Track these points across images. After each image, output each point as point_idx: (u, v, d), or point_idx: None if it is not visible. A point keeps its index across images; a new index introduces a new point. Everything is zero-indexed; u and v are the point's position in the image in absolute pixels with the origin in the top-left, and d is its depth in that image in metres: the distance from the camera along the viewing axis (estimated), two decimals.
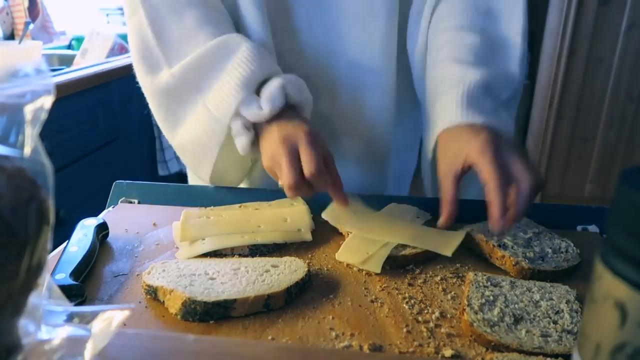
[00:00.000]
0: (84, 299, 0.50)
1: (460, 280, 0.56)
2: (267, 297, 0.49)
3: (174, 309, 0.48)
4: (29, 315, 0.28)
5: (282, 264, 0.55)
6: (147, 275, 0.53)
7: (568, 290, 0.52)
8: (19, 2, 2.03)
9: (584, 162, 2.73)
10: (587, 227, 0.68)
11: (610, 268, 0.25)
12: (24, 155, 0.28)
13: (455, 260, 0.60)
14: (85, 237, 0.59)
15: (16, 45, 1.88)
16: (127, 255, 0.60)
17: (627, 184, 0.24)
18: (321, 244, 0.63)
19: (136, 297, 0.52)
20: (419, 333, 0.47)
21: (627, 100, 2.59)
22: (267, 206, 0.69)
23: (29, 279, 0.26)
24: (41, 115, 0.29)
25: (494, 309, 0.48)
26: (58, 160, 1.46)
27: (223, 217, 0.65)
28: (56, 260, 0.54)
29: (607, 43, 2.52)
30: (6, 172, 0.25)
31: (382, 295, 0.53)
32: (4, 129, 0.28)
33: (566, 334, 0.45)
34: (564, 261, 0.57)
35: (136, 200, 0.75)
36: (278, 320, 0.48)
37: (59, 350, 0.29)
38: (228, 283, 0.51)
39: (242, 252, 0.60)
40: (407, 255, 0.58)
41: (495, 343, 0.44)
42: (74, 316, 0.31)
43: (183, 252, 0.60)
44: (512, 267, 0.56)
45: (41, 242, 0.26)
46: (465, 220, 0.65)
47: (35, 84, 0.29)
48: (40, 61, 0.30)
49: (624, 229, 0.24)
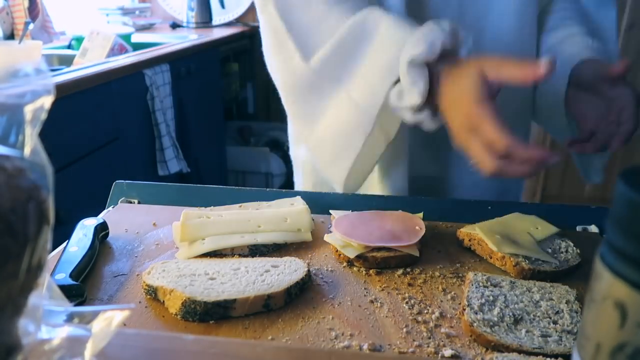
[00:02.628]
0: (84, 299, 0.50)
1: (460, 280, 0.56)
2: (267, 297, 0.49)
3: (174, 309, 0.48)
4: (29, 315, 0.28)
5: (282, 264, 0.55)
6: (147, 275, 0.53)
7: (568, 290, 0.52)
8: (19, 2, 2.03)
9: None
10: (587, 227, 0.68)
11: (610, 268, 0.25)
12: (24, 155, 0.28)
13: (455, 260, 0.60)
14: (85, 237, 0.59)
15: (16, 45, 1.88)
16: (127, 255, 0.60)
17: (627, 184, 0.24)
18: (321, 244, 0.63)
19: (136, 297, 0.52)
20: (419, 333, 0.47)
21: None
22: (267, 206, 0.69)
23: (29, 279, 0.26)
24: (41, 115, 0.29)
25: (493, 309, 0.48)
26: (58, 160, 1.45)
27: (223, 217, 0.65)
28: (56, 260, 0.54)
29: None
30: (6, 172, 0.25)
31: (382, 295, 0.53)
32: (4, 129, 0.28)
33: (566, 334, 0.45)
34: (564, 261, 0.57)
35: (136, 200, 0.75)
36: (278, 320, 0.48)
37: (59, 350, 0.29)
38: (228, 283, 0.51)
39: (242, 252, 0.60)
40: (377, 257, 0.57)
41: (495, 343, 0.44)
42: (74, 316, 0.31)
43: (183, 252, 0.60)
44: (512, 267, 0.56)
45: (41, 242, 0.26)
46: (465, 220, 0.65)
47: (35, 84, 0.29)
48: (40, 61, 0.30)
49: (624, 229, 0.24)
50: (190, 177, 2.03)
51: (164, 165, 1.94)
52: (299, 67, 0.67)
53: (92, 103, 1.61)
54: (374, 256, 0.57)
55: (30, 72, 0.29)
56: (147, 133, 1.89)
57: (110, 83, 1.66)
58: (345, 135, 0.67)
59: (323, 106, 0.68)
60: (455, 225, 0.66)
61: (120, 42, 1.94)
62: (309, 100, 0.69)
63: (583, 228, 0.68)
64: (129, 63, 1.73)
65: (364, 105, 0.64)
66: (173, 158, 1.96)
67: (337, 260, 0.59)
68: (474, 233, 0.61)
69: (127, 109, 1.77)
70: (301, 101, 0.69)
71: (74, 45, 2.16)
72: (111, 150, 1.72)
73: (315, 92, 0.68)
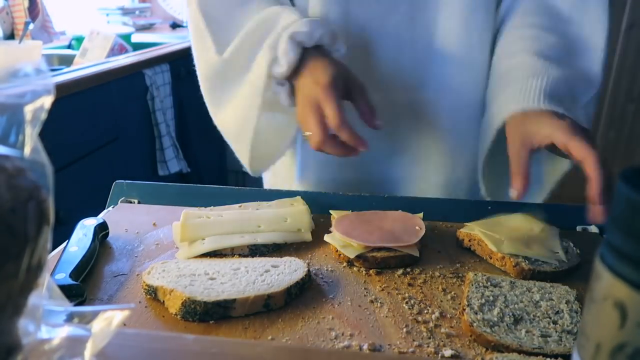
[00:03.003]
0: (84, 299, 0.50)
1: (460, 280, 0.56)
2: (267, 297, 0.49)
3: (174, 309, 0.48)
4: (29, 315, 0.28)
5: (282, 264, 0.55)
6: (147, 275, 0.53)
7: (568, 291, 0.52)
8: (19, 2, 2.03)
9: None
10: (587, 227, 0.68)
11: (610, 268, 0.25)
12: (24, 155, 0.28)
13: (455, 260, 0.60)
14: (85, 237, 0.59)
15: (16, 45, 1.88)
16: (127, 255, 0.60)
17: (626, 184, 0.24)
18: (321, 244, 0.63)
19: (136, 297, 0.52)
20: (419, 333, 0.47)
21: (627, 100, 2.59)
22: (267, 206, 0.69)
23: (29, 279, 0.26)
24: (41, 115, 0.29)
25: (493, 309, 0.48)
26: (58, 160, 1.45)
27: (223, 217, 0.65)
28: (56, 260, 0.54)
29: (607, 43, 2.52)
30: (6, 172, 0.25)
31: (382, 295, 0.53)
32: (4, 129, 0.28)
33: (566, 334, 0.45)
34: (564, 261, 0.57)
35: (136, 200, 0.75)
36: (278, 320, 0.48)
37: (59, 350, 0.29)
38: (228, 283, 0.51)
39: (242, 252, 0.60)
40: (377, 257, 0.58)
41: (495, 343, 0.44)
42: (74, 316, 0.31)
43: (183, 252, 0.60)
44: (512, 267, 0.56)
45: (41, 242, 0.26)
46: (465, 220, 0.65)
47: (35, 84, 0.29)
48: (40, 61, 0.30)
49: (624, 229, 0.24)
50: (190, 177, 2.03)
51: (164, 165, 1.94)
52: (213, 59, 0.72)
53: (92, 103, 1.61)
54: (374, 256, 0.57)
55: (30, 72, 0.29)
56: (147, 133, 1.89)
57: (110, 83, 1.67)
58: (242, 113, 0.72)
59: (231, 93, 0.74)
60: (455, 225, 0.67)
61: (120, 42, 1.94)
62: (221, 88, 0.75)
63: (583, 228, 0.68)
64: (129, 63, 1.73)
65: (253, 80, 0.69)
66: (173, 158, 1.96)
67: (337, 260, 0.59)
68: (474, 233, 0.61)
69: (127, 109, 1.78)
70: (214, 89, 0.75)
71: (74, 45, 2.17)
72: (111, 150, 1.72)
73: (226, 81, 0.73)
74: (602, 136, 2.66)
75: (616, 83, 2.56)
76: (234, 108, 0.73)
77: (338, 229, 0.61)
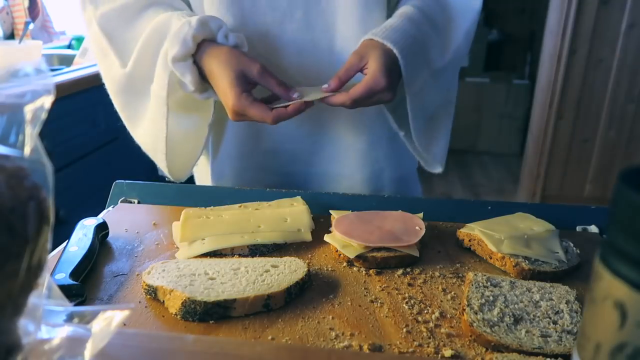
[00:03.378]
0: (84, 298, 0.50)
1: (460, 280, 0.56)
2: (267, 297, 0.49)
3: (174, 309, 0.48)
4: (29, 315, 0.28)
5: (282, 264, 0.55)
6: (147, 275, 0.53)
7: (568, 291, 0.52)
8: (19, 2, 2.03)
9: (583, 162, 2.73)
10: (587, 227, 0.68)
11: (610, 268, 0.25)
12: (24, 155, 0.28)
13: (455, 260, 0.60)
14: (85, 237, 0.59)
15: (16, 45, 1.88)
16: (127, 255, 0.60)
17: (626, 184, 0.24)
18: (321, 244, 0.63)
19: (136, 297, 0.52)
20: (419, 333, 0.47)
21: (627, 100, 2.59)
22: (267, 206, 0.69)
23: (29, 279, 0.26)
24: (41, 115, 0.29)
25: (493, 309, 0.48)
26: (58, 160, 1.45)
27: (223, 217, 0.65)
28: (56, 260, 0.54)
29: (607, 43, 2.52)
30: (6, 171, 0.25)
31: (382, 295, 0.53)
32: (4, 129, 0.28)
33: (566, 334, 0.45)
34: (564, 261, 0.57)
35: (136, 200, 0.75)
36: (278, 320, 0.48)
37: (59, 350, 0.29)
38: (228, 283, 0.51)
39: (242, 252, 0.60)
40: (377, 257, 0.58)
41: (495, 343, 0.44)
42: (74, 316, 0.31)
43: (183, 252, 0.60)
44: (512, 268, 0.56)
45: (41, 242, 0.26)
46: (465, 220, 0.65)
47: (35, 84, 0.29)
48: (40, 61, 0.30)
49: (624, 229, 0.24)
50: (191, 177, 2.03)
51: None
52: (118, 73, 0.74)
53: (92, 103, 1.61)
54: (374, 256, 0.57)
55: (30, 72, 0.29)
56: None
57: None
58: (153, 124, 0.73)
59: (141, 107, 0.76)
60: (455, 225, 0.67)
61: None
62: (132, 103, 0.76)
63: (583, 228, 0.68)
64: None
65: (157, 91, 0.71)
66: None
67: (337, 260, 0.59)
68: (474, 233, 0.61)
69: None
70: (126, 106, 0.77)
71: (74, 45, 2.17)
72: (111, 150, 1.72)
73: (133, 94, 0.75)
74: (602, 136, 2.66)
75: (616, 83, 2.57)
76: (146, 121, 0.75)
77: (338, 229, 0.61)
